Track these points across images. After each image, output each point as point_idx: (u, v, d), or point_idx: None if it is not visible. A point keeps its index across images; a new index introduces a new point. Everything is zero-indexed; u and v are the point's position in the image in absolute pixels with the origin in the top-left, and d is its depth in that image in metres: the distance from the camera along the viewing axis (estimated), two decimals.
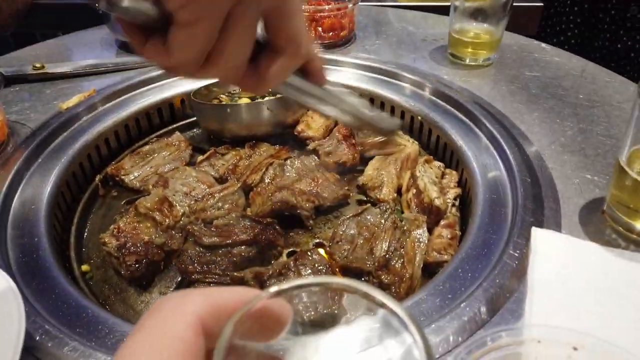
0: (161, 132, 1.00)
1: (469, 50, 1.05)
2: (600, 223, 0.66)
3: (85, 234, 0.80)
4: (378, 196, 0.80)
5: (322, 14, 1.11)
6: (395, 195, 0.81)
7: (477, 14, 1.03)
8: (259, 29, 0.44)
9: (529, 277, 0.58)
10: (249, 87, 0.47)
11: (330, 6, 1.13)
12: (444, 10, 1.23)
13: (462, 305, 0.55)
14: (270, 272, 0.65)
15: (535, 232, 0.63)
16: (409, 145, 0.89)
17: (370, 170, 0.84)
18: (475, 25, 1.04)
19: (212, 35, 0.39)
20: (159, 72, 1.02)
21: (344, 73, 1.04)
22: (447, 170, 0.84)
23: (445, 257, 0.69)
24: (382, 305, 0.35)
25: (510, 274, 0.59)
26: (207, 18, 0.38)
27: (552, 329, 0.41)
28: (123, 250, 0.69)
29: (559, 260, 0.60)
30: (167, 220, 0.73)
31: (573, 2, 1.46)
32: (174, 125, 1.02)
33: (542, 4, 1.40)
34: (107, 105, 0.95)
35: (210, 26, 0.38)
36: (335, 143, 0.87)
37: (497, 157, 0.79)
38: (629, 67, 1.43)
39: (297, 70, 0.50)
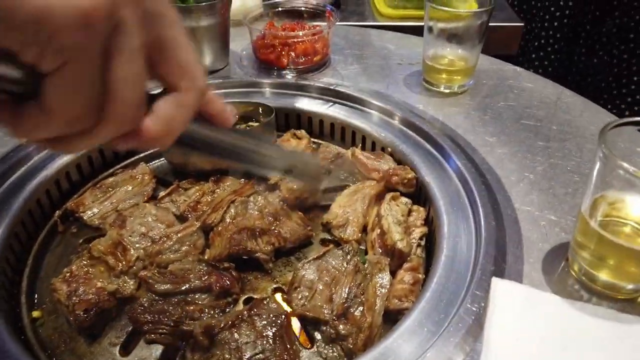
0: (127, 162, 0.97)
1: (444, 77, 1.03)
2: (563, 272, 0.64)
3: (41, 275, 0.77)
4: (342, 236, 0.78)
5: (295, 39, 1.08)
6: (360, 235, 0.79)
7: (451, 39, 1.01)
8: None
9: (485, 333, 0.56)
10: (151, 140, 0.40)
11: (305, 31, 1.11)
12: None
13: None
14: (222, 325, 0.62)
15: (496, 283, 0.61)
16: (378, 181, 0.86)
17: (335, 207, 0.81)
18: (449, 50, 1.02)
19: (92, 76, 0.34)
20: None
21: (313, 100, 1.02)
22: (415, 207, 0.81)
23: (406, 304, 0.67)
24: None
25: (466, 331, 0.57)
26: (78, 58, 0.32)
27: None
28: (73, 298, 0.67)
29: (517, 315, 0.58)
30: (120, 265, 0.70)
31: (552, 18, 1.44)
32: (141, 155, 0.99)
33: (522, 24, 1.38)
34: None
35: (86, 66, 0.33)
36: None
37: (464, 196, 0.77)
38: (604, 82, 1.40)
39: (198, 119, 0.46)
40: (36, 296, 0.74)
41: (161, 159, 0.98)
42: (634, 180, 0.54)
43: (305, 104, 1.02)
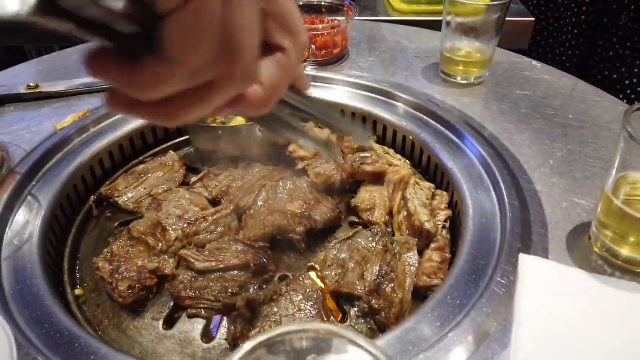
0: (156, 150, 1.01)
1: (461, 68, 1.06)
2: (586, 249, 0.68)
3: (79, 256, 0.80)
4: (370, 219, 0.81)
5: (315, 32, 1.12)
6: (388, 217, 0.82)
7: (468, 32, 1.04)
8: None
9: (515, 305, 0.59)
10: (256, 105, 0.38)
11: (324, 25, 1.14)
12: (438, 26, 1.24)
13: (450, 334, 0.56)
14: (262, 299, 0.65)
15: (523, 258, 0.64)
16: (401, 166, 0.90)
17: (363, 192, 0.85)
18: (466, 43, 1.05)
19: (213, 18, 0.30)
20: None
21: (337, 91, 1.05)
22: (438, 192, 0.84)
23: (435, 281, 0.70)
24: (367, 351, 0.36)
25: (498, 302, 0.60)
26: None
27: None
28: (116, 276, 0.70)
29: (545, 288, 0.61)
30: (160, 245, 0.73)
31: (573, 13, 1.43)
32: (169, 144, 1.02)
33: (533, 19, 1.41)
34: (101, 125, 0.95)
35: (207, 5, 0.30)
36: (324, 163, 0.88)
37: (487, 180, 0.80)
38: (625, 75, 1.40)
39: None
40: (77, 276, 0.77)
41: (189, 148, 1.01)
42: None
43: (326, 94, 1.05)
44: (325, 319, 0.66)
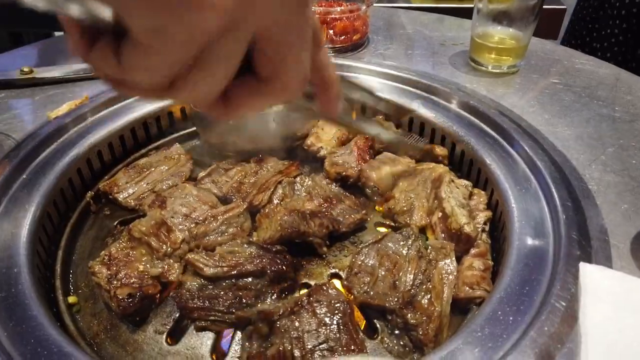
0: (159, 142, 0.92)
1: (492, 56, 0.98)
2: None
3: (74, 258, 0.72)
4: (408, 222, 0.72)
5: (332, 16, 1.03)
6: (428, 220, 0.73)
7: (502, 18, 0.95)
8: None
9: (581, 323, 0.51)
10: (215, 113, 0.36)
11: (341, 8, 1.05)
12: (459, 12, 1.15)
13: (507, 359, 0.48)
14: (281, 312, 0.57)
15: (585, 268, 0.55)
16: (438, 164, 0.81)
17: (397, 193, 0.76)
18: (500, 29, 0.96)
19: (179, 65, 0.30)
20: None
21: (360, 80, 0.97)
22: (475, 190, 0.76)
23: (479, 292, 0.61)
24: None
25: (560, 320, 0.51)
26: (177, 49, 0.29)
27: None
28: (114, 282, 0.61)
29: (614, 303, 0.52)
30: (164, 247, 0.65)
31: (622, 4, 1.28)
32: (174, 136, 0.94)
33: (564, 7, 1.32)
34: (100, 113, 0.87)
35: (179, 58, 0.29)
36: (347, 154, 0.79)
37: (532, 177, 0.71)
38: None
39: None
40: (71, 281, 0.68)
41: (196, 140, 0.93)
42: None
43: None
44: (355, 335, 0.57)
